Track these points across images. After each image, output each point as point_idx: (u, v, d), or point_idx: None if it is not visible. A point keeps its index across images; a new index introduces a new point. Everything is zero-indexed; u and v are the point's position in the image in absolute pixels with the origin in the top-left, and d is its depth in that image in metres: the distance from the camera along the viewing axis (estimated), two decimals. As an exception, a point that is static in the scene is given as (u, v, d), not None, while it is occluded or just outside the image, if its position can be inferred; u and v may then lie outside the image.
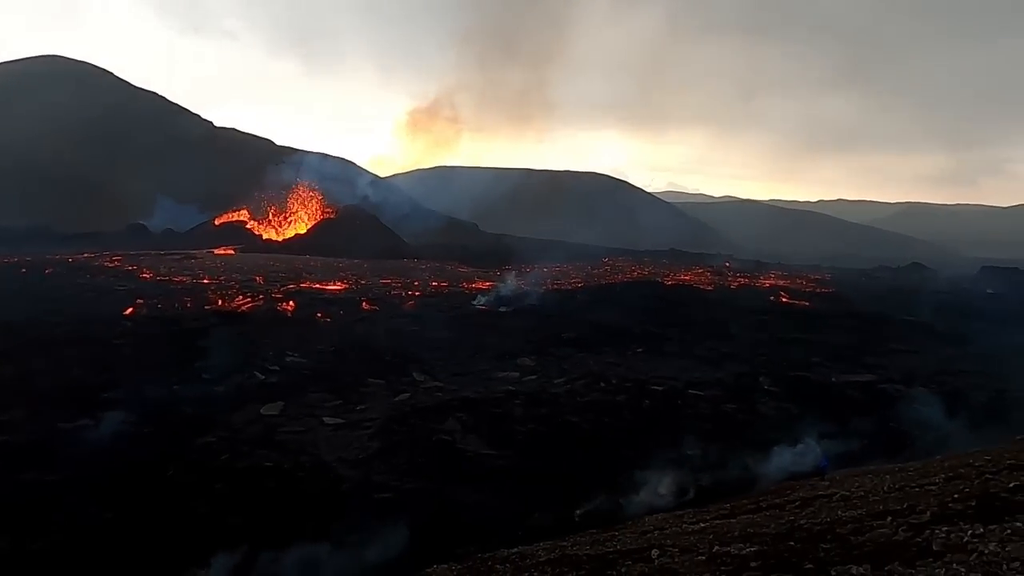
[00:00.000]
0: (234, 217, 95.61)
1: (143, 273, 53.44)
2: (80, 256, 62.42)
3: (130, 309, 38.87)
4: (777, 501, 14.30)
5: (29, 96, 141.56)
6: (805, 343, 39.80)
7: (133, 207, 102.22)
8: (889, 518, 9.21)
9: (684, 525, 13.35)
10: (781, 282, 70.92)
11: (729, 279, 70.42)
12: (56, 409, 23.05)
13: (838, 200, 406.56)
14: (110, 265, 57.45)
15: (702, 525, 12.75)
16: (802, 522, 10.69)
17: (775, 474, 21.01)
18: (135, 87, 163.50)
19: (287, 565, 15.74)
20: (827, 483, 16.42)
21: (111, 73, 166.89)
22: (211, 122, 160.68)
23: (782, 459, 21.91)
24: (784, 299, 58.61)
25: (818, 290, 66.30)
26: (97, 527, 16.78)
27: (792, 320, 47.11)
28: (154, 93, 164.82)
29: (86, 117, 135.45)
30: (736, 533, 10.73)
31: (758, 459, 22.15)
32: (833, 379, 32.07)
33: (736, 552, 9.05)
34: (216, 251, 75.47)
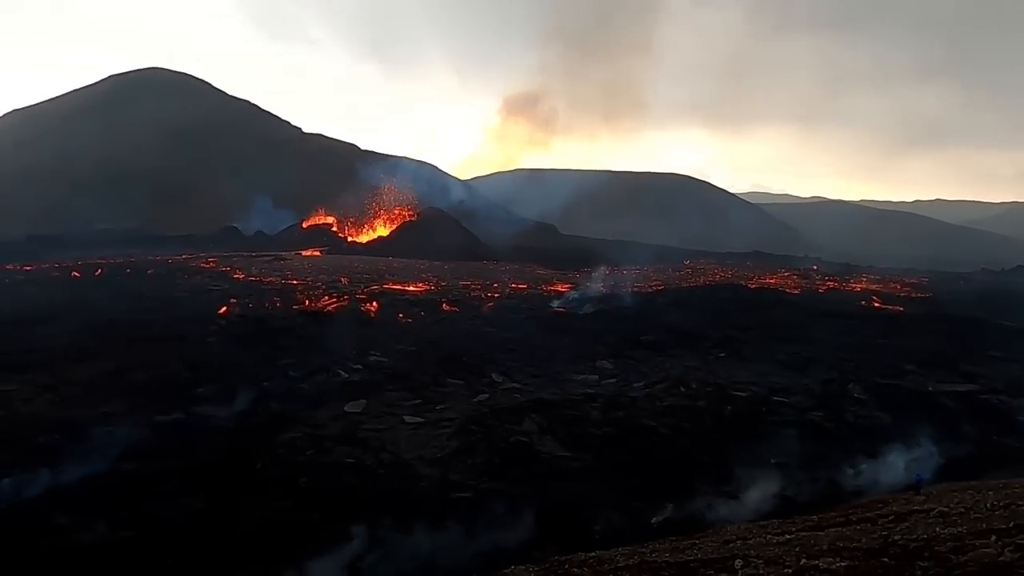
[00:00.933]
0: (321, 220, 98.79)
1: (236, 274, 55.78)
2: (179, 257, 65.62)
3: (223, 308, 40.61)
4: (868, 515, 13.66)
5: (134, 106, 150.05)
6: (898, 349, 37.93)
7: (226, 210, 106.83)
8: (993, 537, 8.64)
9: (768, 536, 12.90)
10: (873, 286, 67.92)
11: (817, 282, 67.95)
12: (153, 403, 24.25)
13: (935, 200, 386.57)
14: (205, 266, 60.21)
15: (788, 536, 12.30)
16: (896, 538, 10.17)
17: (866, 486, 20.12)
18: (229, 95, 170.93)
19: (367, 560, 16.08)
20: (923, 498, 15.60)
21: (208, 83, 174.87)
22: (299, 128, 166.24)
23: (873, 470, 20.97)
24: (876, 303, 56.13)
25: (913, 294, 63.15)
26: (188, 518, 17.55)
27: (884, 325, 44.97)
28: (247, 101, 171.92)
29: (184, 125, 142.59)
30: (825, 546, 10.29)
31: (847, 470, 21.27)
32: (929, 388, 30.41)
33: (825, 567, 8.67)
34: (304, 253, 78.07)
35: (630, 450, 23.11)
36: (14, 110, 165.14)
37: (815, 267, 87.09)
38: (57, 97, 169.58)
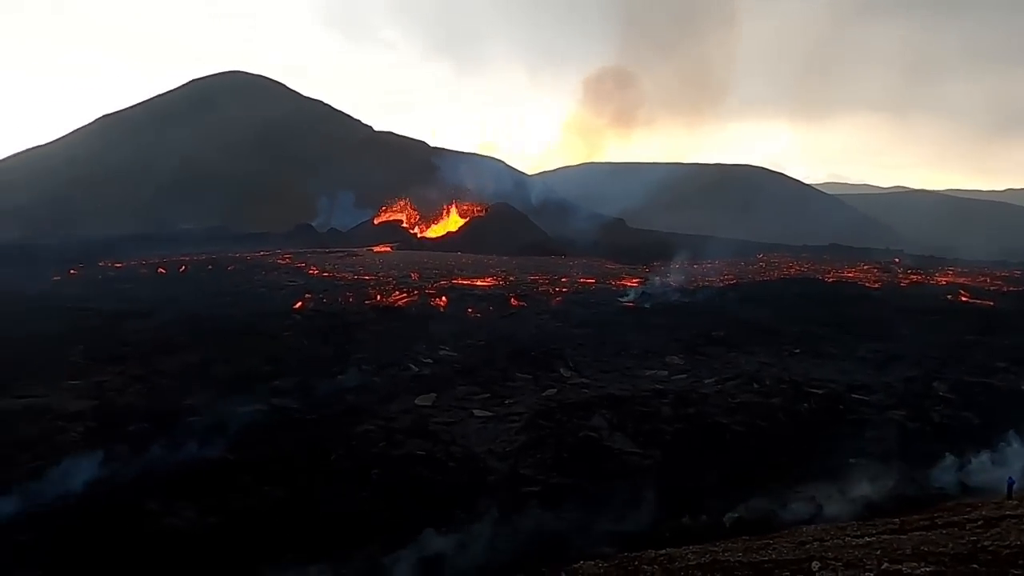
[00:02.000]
0: (391, 216, 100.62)
1: (310, 270, 57.40)
2: (256, 254, 67.90)
3: (299, 303, 41.85)
4: (955, 519, 13.08)
5: (213, 109, 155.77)
6: (988, 346, 36.07)
7: (301, 208, 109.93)
8: (1094, 546, 8.16)
9: (847, 538, 12.51)
10: (960, 279, 64.73)
11: (899, 276, 65.23)
12: (235, 394, 25.21)
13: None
14: (281, 263, 62.12)
15: (868, 539, 11.90)
16: (986, 543, 9.70)
17: (952, 489, 19.27)
18: (303, 96, 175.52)
19: (438, 551, 16.36)
20: (1015, 502, 14.84)
21: (283, 84, 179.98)
22: (371, 126, 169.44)
23: (960, 473, 20.05)
24: (963, 298, 53.47)
25: (1005, 288, 59.89)
26: (269, 506, 18.18)
27: (972, 321, 42.75)
28: (320, 101, 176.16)
29: (261, 126, 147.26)
30: (908, 551, 9.91)
31: (932, 472, 20.40)
32: (1022, 386, 28.87)
33: (909, 572, 8.36)
34: (375, 249, 79.68)
35: (701, 447, 22.75)
36: (104, 115, 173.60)
37: (897, 260, 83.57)
38: (143, 102, 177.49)
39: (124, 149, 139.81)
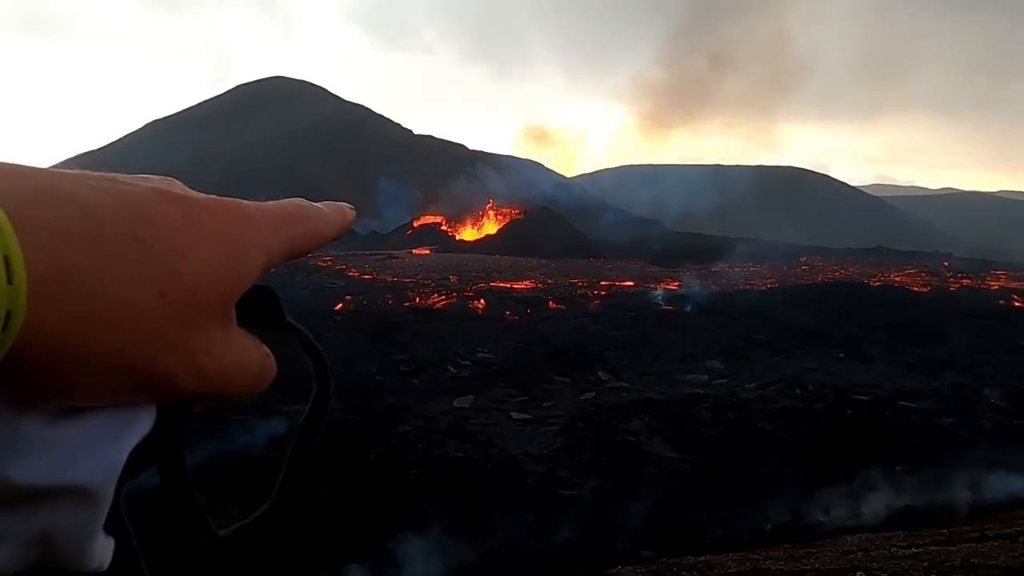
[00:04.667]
0: (430, 219, 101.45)
1: (351, 272, 58.20)
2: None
3: (339, 305, 42.48)
4: (1007, 531, 12.68)
5: (257, 113, 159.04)
6: (1043, 353, 34.94)
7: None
8: None
9: (893, 548, 12.23)
10: (1013, 284, 62.75)
11: (948, 280, 63.53)
12: (282, 395, 25.65)
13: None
14: (323, 264, 63.08)
15: (914, 550, 11.61)
16: (1039, 557, 9.40)
17: (1003, 500, 18.69)
18: (344, 100, 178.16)
19: (474, 552, 16.44)
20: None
21: (325, 89, 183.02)
22: (410, 130, 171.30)
23: (1013, 483, 19.44)
24: (1016, 303, 51.91)
25: (1060, 293, 57.89)
26: (313, 502, 18.49)
27: (1026, 327, 41.48)
28: (361, 105, 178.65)
29: (302, 129, 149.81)
30: (957, 563, 9.66)
31: (983, 481, 19.81)
32: (1080, 395, 27.86)
33: (956, 584, 8.14)
34: (415, 251, 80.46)
35: (742, 452, 22.46)
36: (154, 120, 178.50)
37: (946, 263, 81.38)
38: (192, 107, 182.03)
39: (175, 153, 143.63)
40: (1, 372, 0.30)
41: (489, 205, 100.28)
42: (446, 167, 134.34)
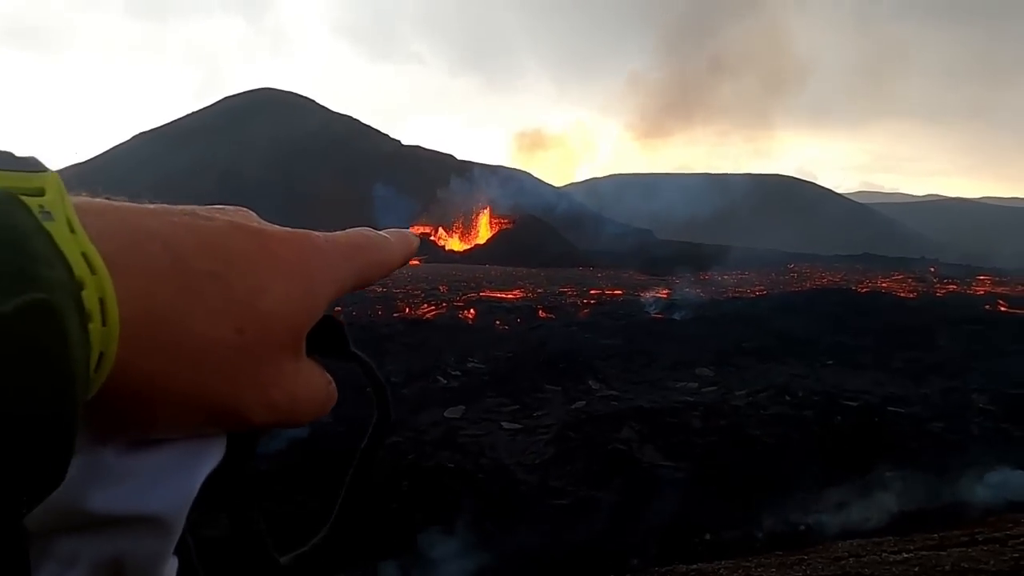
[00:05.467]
0: (419, 229, 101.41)
1: (339, 282, 57.90)
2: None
3: (328, 316, 42.26)
4: (997, 535, 12.74)
5: (246, 125, 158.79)
6: (1029, 357, 35.23)
7: (331, 220, 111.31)
8: None
9: (884, 554, 12.25)
10: (999, 289, 63.37)
11: (935, 286, 64.03)
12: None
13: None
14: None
15: (905, 556, 11.64)
16: (1029, 560, 9.44)
17: (993, 504, 18.78)
18: (332, 111, 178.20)
19: (466, 562, 16.36)
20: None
21: (313, 100, 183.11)
22: (399, 140, 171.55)
23: (1001, 487, 19.54)
24: (1002, 307, 52.40)
25: (1046, 298, 58.47)
26: (305, 514, 18.35)
27: (1013, 330, 41.85)
28: (349, 116, 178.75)
29: (292, 141, 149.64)
30: (947, 567, 9.69)
31: (971, 486, 19.91)
32: (1066, 399, 28.06)
33: (947, 588, 8.17)
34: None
35: (733, 460, 22.48)
36: (140, 133, 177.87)
37: (932, 269, 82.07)
38: (178, 119, 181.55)
39: (166, 164, 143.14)
40: (87, 407, 0.30)
41: (479, 215, 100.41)
42: (435, 177, 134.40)
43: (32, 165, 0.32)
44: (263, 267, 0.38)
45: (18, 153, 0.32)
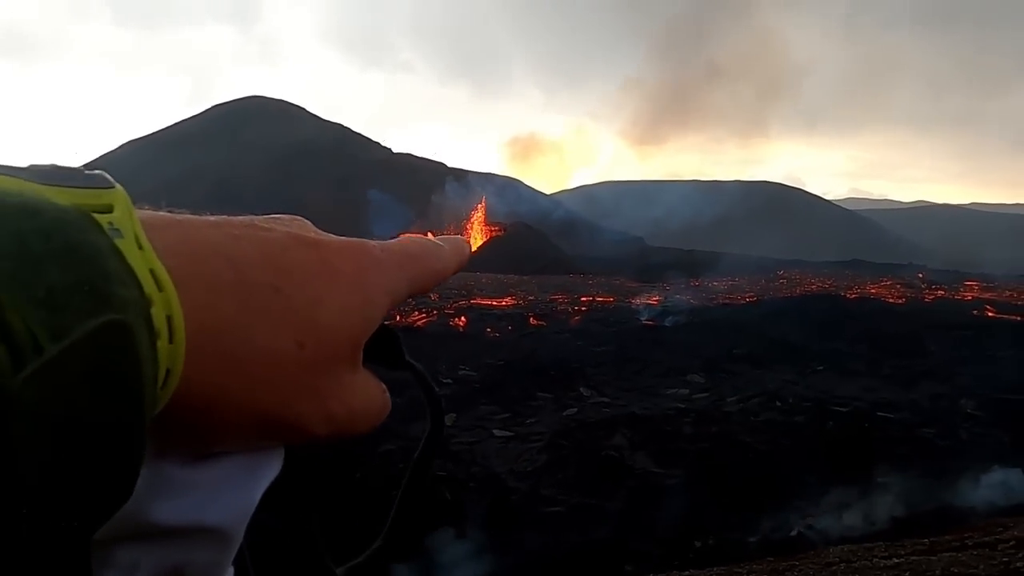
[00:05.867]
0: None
1: (330, 290, 57.69)
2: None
3: (319, 324, 42.09)
4: (986, 539, 12.81)
5: (236, 133, 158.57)
6: (1016, 362, 35.49)
7: (324, 228, 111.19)
8: None
9: (875, 559, 12.30)
10: (986, 294, 63.78)
11: (923, 291, 64.43)
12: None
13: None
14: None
15: (896, 561, 11.69)
16: (1019, 565, 9.51)
17: (982, 509, 18.89)
18: (323, 120, 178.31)
19: (460, 571, 16.29)
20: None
21: (303, 108, 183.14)
22: (390, 148, 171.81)
23: (990, 491, 19.67)
24: (990, 313, 52.76)
25: (1033, 303, 58.94)
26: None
27: (1001, 336, 42.13)
28: (340, 124, 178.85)
29: (282, 148, 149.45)
30: (938, 572, 9.74)
31: (961, 490, 20.03)
32: (1054, 404, 28.26)
33: (937, 593, 8.21)
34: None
35: (725, 466, 22.53)
36: (130, 140, 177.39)
37: (920, 275, 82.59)
38: (168, 127, 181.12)
39: (155, 172, 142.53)
40: (151, 421, 0.30)
41: (469, 222, 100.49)
42: (426, 185, 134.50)
43: (100, 182, 0.32)
44: (322, 279, 0.39)
45: (45, 163, 0.32)
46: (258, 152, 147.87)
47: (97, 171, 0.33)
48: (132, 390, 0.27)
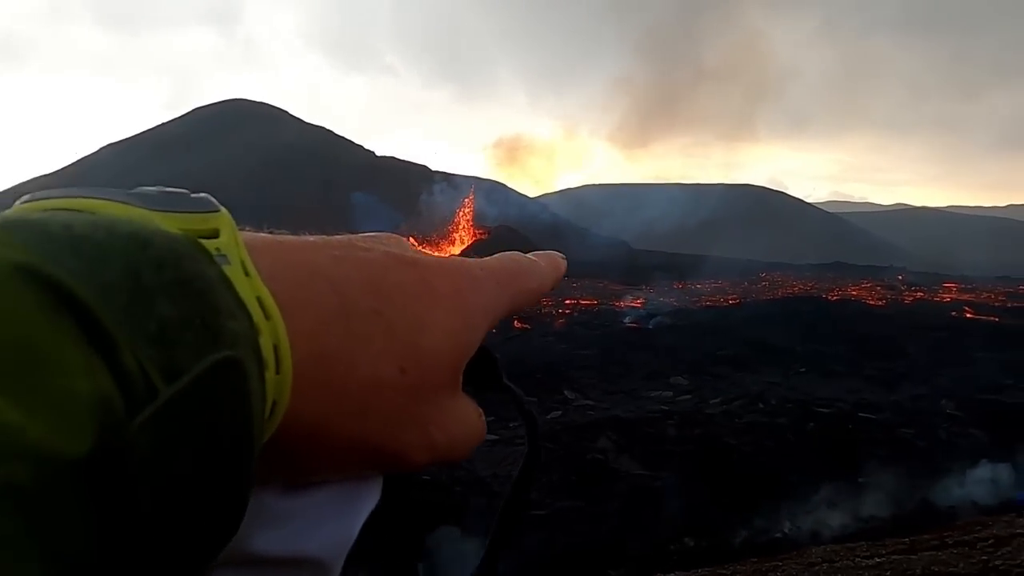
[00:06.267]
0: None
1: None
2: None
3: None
4: (965, 538, 12.97)
5: (219, 136, 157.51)
6: (995, 362, 36.00)
7: (308, 230, 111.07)
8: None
9: (857, 559, 12.42)
10: (964, 296, 64.69)
11: (903, 293, 65.18)
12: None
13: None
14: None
15: (877, 560, 11.81)
16: (997, 563, 9.63)
17: (961, 507, 19.11)
18: (306, 123, 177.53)
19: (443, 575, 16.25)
20: (1026, 520, 14.70)
21: (286, 112, 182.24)
22: (373, 151, 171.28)
23: (969, 491, 19.91)
24: (968, 314, 53.47)
25: (1009, 304, 59.83)
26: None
27: (978, 337, 42.74)
28: (322, 128, 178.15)
29: (265, 151, 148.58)
30: (918, 571, 9.85)
31: (940, 490, 20.26)
32: (1031, 403, 28.67)
33: (918, 592, 8.30)
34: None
35: (709, 468, 22.64)
36: (109, 144, 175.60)
37: (900, 277, 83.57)
38: (148, 130, 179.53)
39: (135, 176, 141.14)
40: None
41: (453, 226, 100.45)
42: (410, 188, 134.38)
43: (206, 205, 0.31)
44: (423, 301, 0.37)
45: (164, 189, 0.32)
46: (240, 155, 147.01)
47: (203, 194, 0.33)
48: (243, 428, 0.26)
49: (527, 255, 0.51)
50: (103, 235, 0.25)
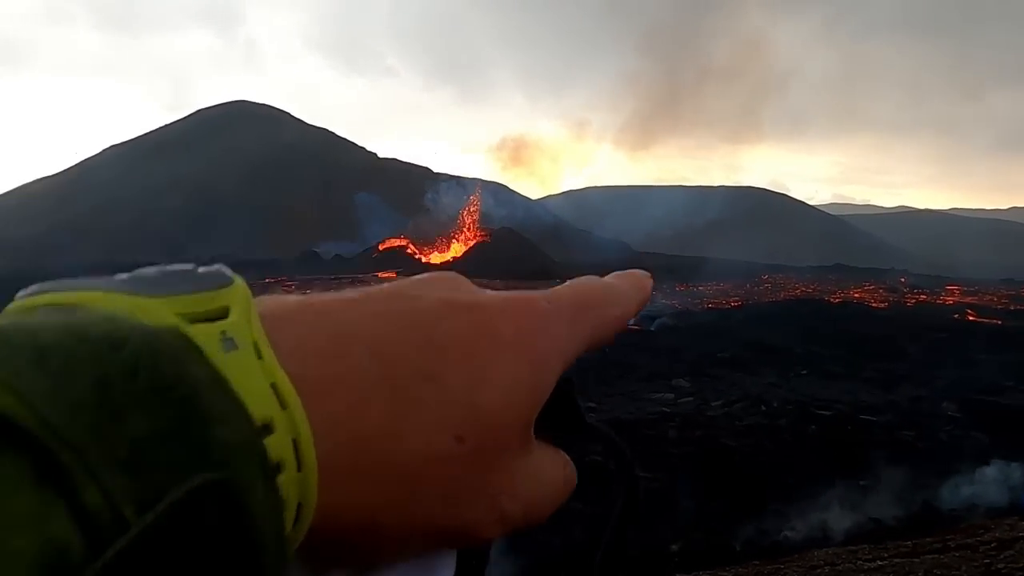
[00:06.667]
0: (396, 243, 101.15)
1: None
2: (262, 282, 68.31)
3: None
4: (968, 541, 12.89)
5: (221, 137, 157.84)
6: (997, 365, 35.93)
7: (310, 231, 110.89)
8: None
9: (859, 562, 12.35)
10: (967, 298, 64.63)
11: (905, 296, 65.10)
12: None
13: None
14: (287, 290, 62.12)
15: (879, 563, 11.74)
16: (1000, 566, 9.56)
17: (964, 510, 19.03)
18: (308, 124, 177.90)
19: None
20: (1029, 523, 14.62)
21: (288, 113, 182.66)
22: (375, 153, 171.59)
23: (971, 493, 19.83)
24: (970, 316, 53.41)
25: (1012, 306, 59.72)
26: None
27: (980, 339, 42.67)
28: (324, 129, 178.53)
29: (267, 152, 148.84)
30: (920, 574, 9.78)
31: (942, 492, 20.17)
32: (1033, 406, 28.60)
33: (919, 595, 8.24)
34: (380, 275, 79.96)
35: (710, 470, 22.57)
36: (112, 145, 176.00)
37: (902, 279, 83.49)
38: (151, 131, 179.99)
39: (138, 177, 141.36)
40: (300, 547, 0.27)
41: (455, 228, 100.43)
42: (411, 190, 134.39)
43: (214, 280, 0.28)
44: (482, 351, 0.32)
45: (199, 267, 0.28)
46: (242, 156, 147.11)
47: (217, 266, 0.29)
48: (244, 553, 0.22)
49: (604, 278, 0.45)
50: (72, 342, 0.21)
